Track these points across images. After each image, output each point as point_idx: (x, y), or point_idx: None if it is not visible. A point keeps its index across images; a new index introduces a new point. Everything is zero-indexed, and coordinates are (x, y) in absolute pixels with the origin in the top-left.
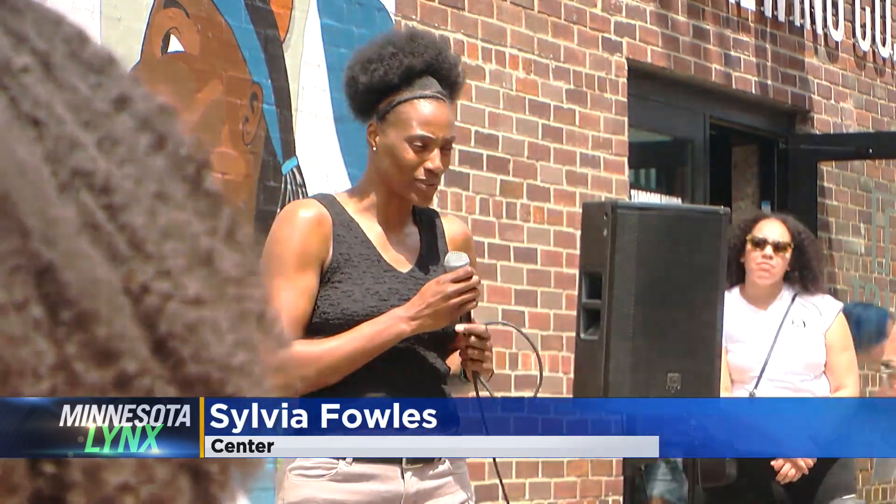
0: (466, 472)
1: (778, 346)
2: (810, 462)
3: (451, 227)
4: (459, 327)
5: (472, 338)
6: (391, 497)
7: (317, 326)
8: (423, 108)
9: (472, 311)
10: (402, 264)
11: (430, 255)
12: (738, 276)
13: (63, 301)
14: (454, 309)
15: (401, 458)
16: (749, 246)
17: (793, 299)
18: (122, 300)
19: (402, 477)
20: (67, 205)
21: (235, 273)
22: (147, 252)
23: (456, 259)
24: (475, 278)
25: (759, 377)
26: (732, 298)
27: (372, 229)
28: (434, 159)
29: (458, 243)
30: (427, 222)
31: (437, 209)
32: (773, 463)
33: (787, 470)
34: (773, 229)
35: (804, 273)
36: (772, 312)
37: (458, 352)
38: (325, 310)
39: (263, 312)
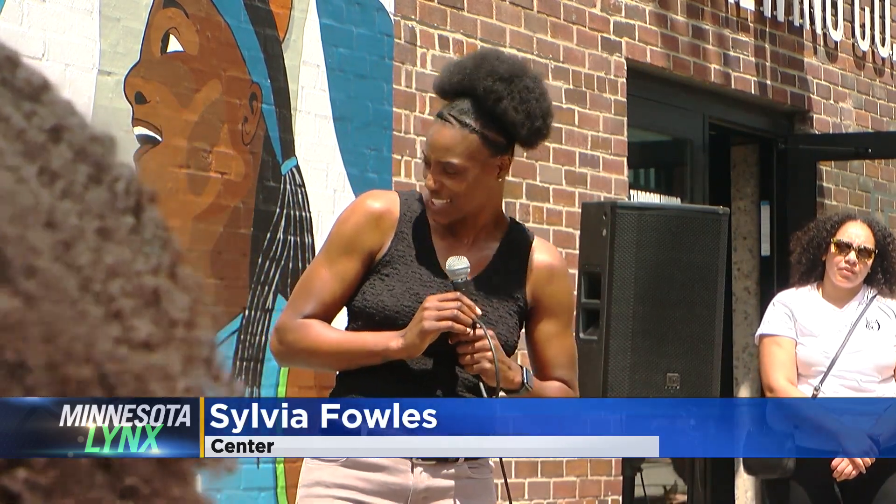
0: (490, 480)
1: (849, 345)
2: (868, 461)
3: (539, 254)
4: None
5: (475, 344)
6: (398, 489)
7: (355, 310)
8: (431, 128)
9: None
10: None
11: (493, 276)
12: (819, 273)
13: (32, 346)
14: (431, 322)
15: None
16: (833, 248)
17: (871, 300)
18: (79, 345)
19: (412, 471)
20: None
21: (183, 315)
22: (95, 293)
23: (456, 262)
24: (467, 302)
25: (826, 373)
26: (811, 295)
27: (442, 237)
28: (429, 178)
29: (541, 273)
30: (515, 245)
31: (535, 234)
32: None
33: (845, 467)
34: (858, 234)
35: (886, 276)
36: (847, 311)
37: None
38: (367, 297)
39: (211, 357)
